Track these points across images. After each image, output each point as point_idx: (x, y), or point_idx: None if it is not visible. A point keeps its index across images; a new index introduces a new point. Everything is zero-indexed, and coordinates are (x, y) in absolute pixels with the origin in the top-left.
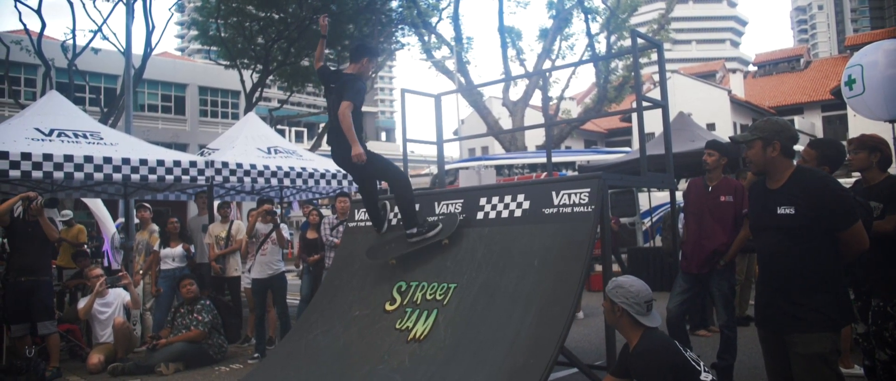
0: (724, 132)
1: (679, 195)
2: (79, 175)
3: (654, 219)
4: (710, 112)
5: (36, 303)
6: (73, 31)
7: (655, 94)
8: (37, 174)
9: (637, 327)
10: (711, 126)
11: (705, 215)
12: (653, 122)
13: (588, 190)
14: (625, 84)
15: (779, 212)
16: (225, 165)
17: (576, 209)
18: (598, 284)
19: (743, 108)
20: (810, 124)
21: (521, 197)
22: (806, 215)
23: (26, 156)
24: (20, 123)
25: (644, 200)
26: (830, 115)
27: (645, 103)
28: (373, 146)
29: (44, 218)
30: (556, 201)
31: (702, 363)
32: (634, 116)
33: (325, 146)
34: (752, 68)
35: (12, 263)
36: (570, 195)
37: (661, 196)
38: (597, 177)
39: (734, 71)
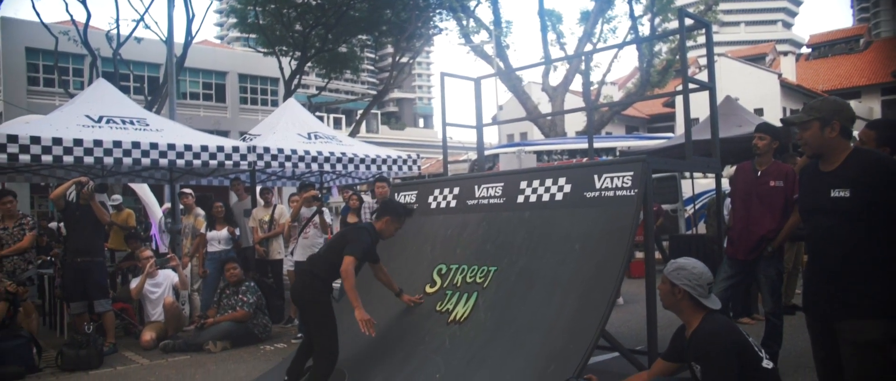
0: (773, 117)
1: (725, 181)
2: (127, 160)
3: (697, 206)
4: (759, 96)
5: (91, 282)
6: (117, 20)
7: (701, 77)
8: (88, 160)
9: (698, 309)
10: (759, 111)
11: (753, 200)
12: (698, 107)
13: (631, 174)
14: (668, 68)
15: (832, 195)
16: (267, 150)
17: (618, 193)
18: (639, 270)
19: (794, 92)
20: (868, 109)
21: (562, 181)
22: (862, 198)
23: (78, 142)
24: (71, 110)
25: (687, 187)
26: (891, 98)
27: (691, 86)
28: (411, 133)
29: (95, 202)
30: (598, 185)
31: (764, 350)
32: (678, 100)
33: (363, 132)
34: (805, 50)
35: (68, 244)
36: (612, 179)
37: (704, 183)
38: (640, 160)
39: (786, 53)
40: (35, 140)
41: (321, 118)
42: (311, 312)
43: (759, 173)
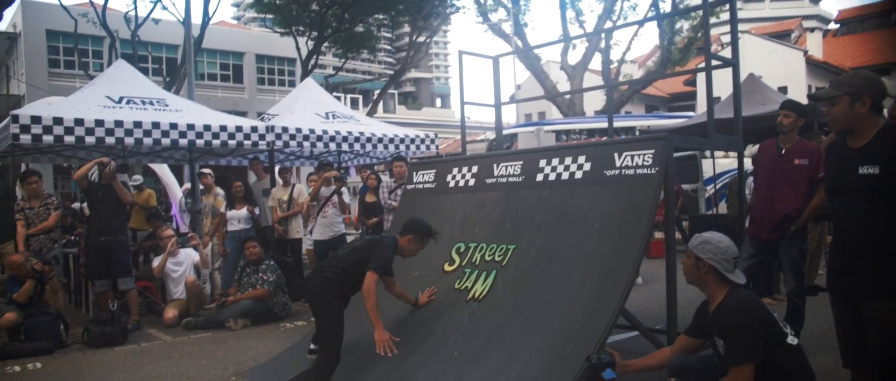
0: (798, 96)
1: (747, 161)
2: (148, 141)
3: (717, 186)
4: (783, 74)
5: (114, 261)
6: (135, 1)
7: (724, 55)
8: (109, 140)
9: (723, 283)
10: (784, 89)
11: (777, 178)
12: (720, 86)
13: (652, 152)
14: (690, 46)
15: (860, 172)
16: (285, 130)
17: (639, 171)
18: (658, 250)
19: (820, 69)
20: None
21: (582, 159)
22: (892, 175)
23: (100, 123)
24: (92, 91)
25: (708, 166)
26: None
27: (714, 62)
28: (428, 113)
29: (117, 182)
30: (618, 163)
31: (789, 326)
32: (700, 78)
33: (380, 112)
34: (833, 26)
35: (92, 224)
36: (632, 157)
37: (725, 163)
38: (662, 138)
39: (812, 29)
40: (57, 121)
41: (338, 99)
42: (320, 314)
43: (784, 152)
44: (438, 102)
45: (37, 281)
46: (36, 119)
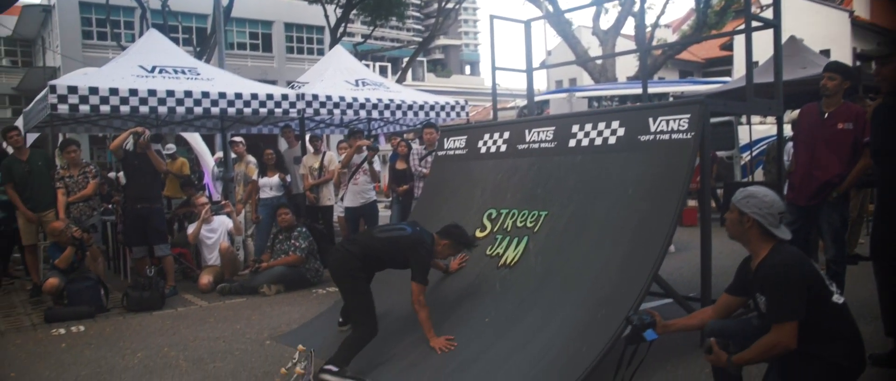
0: (841, 59)
1: (787, 127)
2: (180, 109)
3: (753, 153)
4: (826, 37)
5: (151, 228)
6: None
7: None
8: (143, 109)
9: (767, 239)
10: (826, 52)
11: (819, 143)
12: (759, 49)
13: (688, 116)
14: (727, 8)
15: None
16: (315, 97)
17: (674, 136)
18: (691, 218)
19: (866, 31)
20: None
21: (615, 124)
22: None
23: (133, 92)
24: (125, 61)
25: (744, 133)
26: None
27: (754, 24)
28: (457, 80)
29: (151, 151)
30: (653, 128)
31: (834, 285)
32: (737, 42)
33: (409, 80)
34: None
35: (128, 192)
36: (668, 122)
37: (762, 130)
38: (698, 102)
39: None
40: (93, 91)
41: (367, 67)
42: (347, 288)
43: (827, 116)
44: (467, 69)
45: (77, 248)
46: (72, 89)
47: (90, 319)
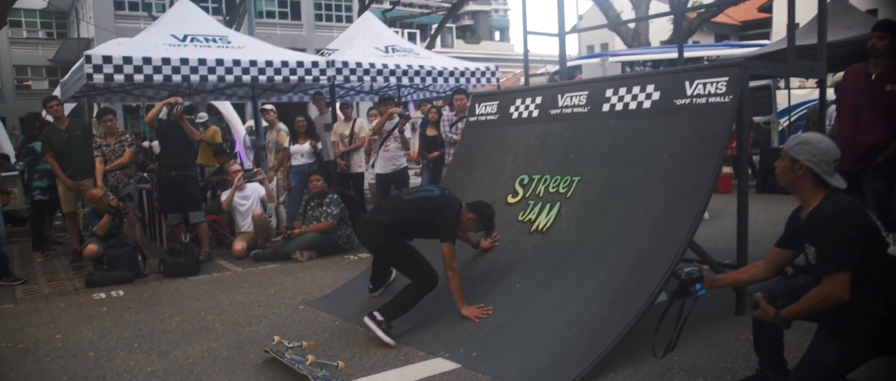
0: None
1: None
2: (212, 78)
3: (792, 118)
4: None
5: (185, 195)
6: None
7: None
8: (176, 78)
9: (820, 188)
10: (873, 12)
11: (864, 106)
12: (800, 11)
13: (726, 79)
14: None
15: None
16: (345, 64)
17: (711, 100)
18: (725, 185)
19: None
20: None
21: (650, 88)
22: None
23: (166, 61)
24: (158, 30)
25: (782, 97)
26: None
27: None
28: (487, 47)
29: (185, 122)
30: (689, 92)
31: (891, 236)
32: (776, 2)
33: (438, 46)
34: None
35: (163, 160)
36: (705, 85)
37: (800, 94)
38: (737, 65)
39: None
40: (127, 60)
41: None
42: (391, 259)
43: (874, 77)
44: (497, 35)
45: (114, 216)
46: (107, 59)
47: (129, 284)
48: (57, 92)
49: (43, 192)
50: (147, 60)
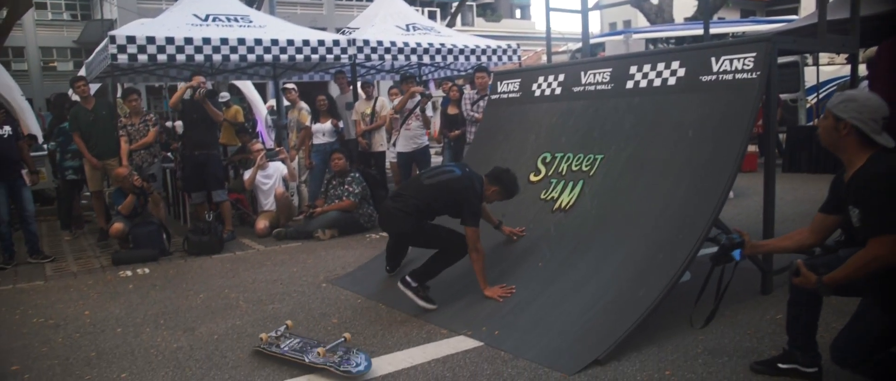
0: None
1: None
2: (234, 57)
3: (820, 95)
4: None
5: (209, 174)
6: None
7: None
8: (199, 58)
9: (866, 147)
10: None
11: None
12: None
13: (753, 55)
14: None
15: None
16: (366, 43)
17: (738, 76)
18: (751, 164)
19: None
20: None
21: (675, 64)
22: None
23: (189, 41)
24: (179, 10)
25: (810, 74)
26: None
27: None
28: (508, 25)
29: (208, 104)
30: (715, 68)
31: None
32: None
33: (459, 25)
34: None
35: (187, 140)
36: (732, 61)
37: (830, 70)
38: (765, 40)
39: None
40: (150, 40)
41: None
42: (417, 241)
43: None
44: (518, 13)
45: (138, 195)
46: (131, 39)
47: (154, 262)
48: (82, 73)
49: (75, 171)
50: (170, 40)
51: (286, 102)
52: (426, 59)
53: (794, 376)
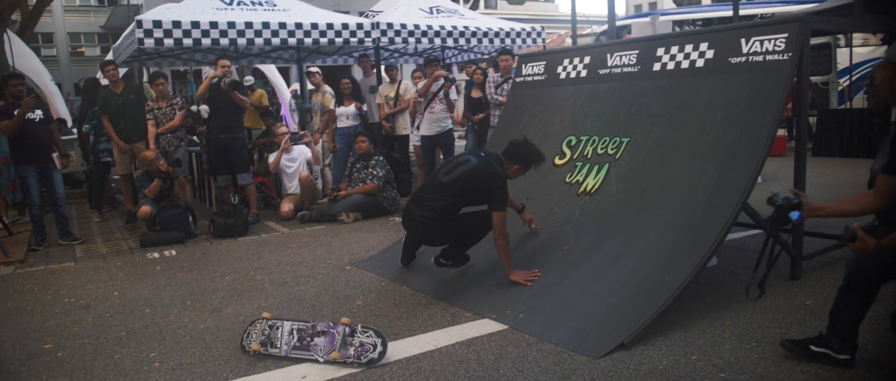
0: None
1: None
2: (259, 41)
3: (853, 77)
4: None
5: (234, 157)
6: None
7: None
8: (224, 41)
9: None
10: None
11: None
12: None
13: (785, 36)
14: None
15: None
16: (390, 26)
17: (769, 58)
18: (780, 148)
19: None
20: None
21: (704, 46)
22: None
23: (214, 24)
24: None
25: (842, 56)
26: None
27: None
28: (531, 8)
29: (235, 93)
30: (745, 50)
31: None
32: None
33: (482, 8)
34: None
35: (212, 124)
36: (762, 42)
37: (863, 52)
38: (798, 20)
39: None
40: (176, 24)
41: None
42: (443, 238)
43: None
44: None
45: (163, 179)
46: (157, 23)
47: (180, 244)
48: (109, 57)
49: (109, 154)
50: (195, 24)
51: (310, 86)
52: (450, 42)
53: (824, 361)
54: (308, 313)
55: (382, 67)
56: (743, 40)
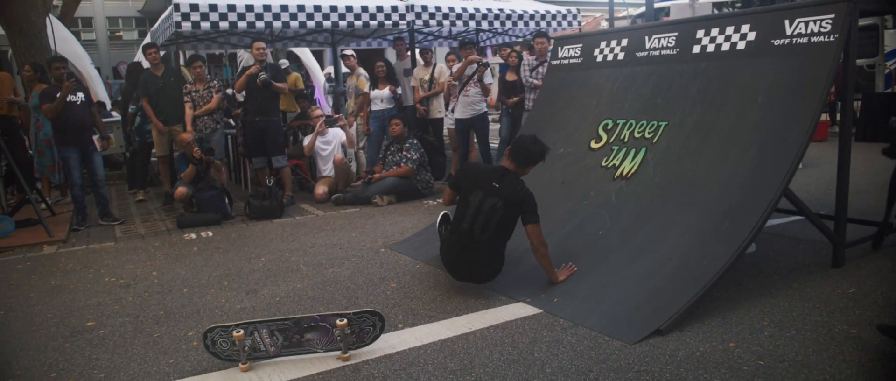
0: None
1: None
2: (294, 24)
3: None
4: None
5: (269, 139)
6: None
7: None
8: (259, 25)
9: None
10: None
11: None
12: None
13: (831, 17)
14: None
15: None
16: (424, 8)
17: (813, 40)
18: (822, 133)
19: None
20: None
21: (745, 28)
22: None
23: (250, 8)
24: None
25: (890, 39)
26: None
27: None
28: None
29: (273, 85)
30: (789, 31)
31: None
32: None
33: None
34: None
35: (247, 107)
36: (807, 24)
37: None
38: (845, 0)
39: None
40: (213, 8)
41: None
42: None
43: None
44: None
45: (197, 164)
46: (194, 7)
47: (217, 225)
48: (147, 40)
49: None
50: (231, 7)
51: (344, 69)
52: (484, 24)
53: None
54: (343, 295)
55: (417, 50)
56: (787, 21)
